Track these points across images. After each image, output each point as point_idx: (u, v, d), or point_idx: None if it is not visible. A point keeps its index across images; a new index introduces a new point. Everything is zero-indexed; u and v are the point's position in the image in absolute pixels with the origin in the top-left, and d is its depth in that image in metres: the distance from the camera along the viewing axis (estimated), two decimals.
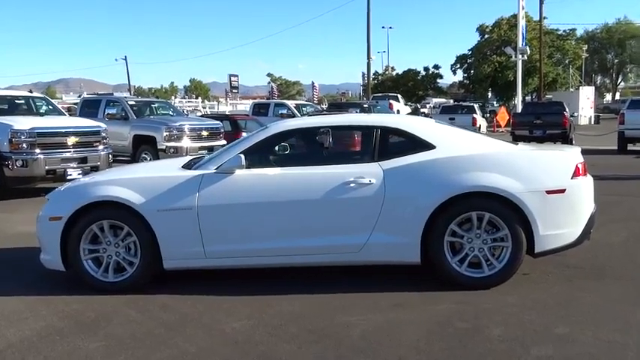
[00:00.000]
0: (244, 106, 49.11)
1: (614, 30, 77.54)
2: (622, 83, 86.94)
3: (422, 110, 45.81)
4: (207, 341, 4.00)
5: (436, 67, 55.88)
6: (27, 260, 6.25)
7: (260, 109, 21.82)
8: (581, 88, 46.62)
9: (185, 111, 24.72)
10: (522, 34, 27.82)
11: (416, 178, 4.86)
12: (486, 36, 49.25)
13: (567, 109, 23.07)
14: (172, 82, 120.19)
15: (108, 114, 14.93)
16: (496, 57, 46.40)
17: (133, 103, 15.78)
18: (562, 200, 4.81)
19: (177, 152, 14.22)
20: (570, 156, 5.03)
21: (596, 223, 5.18)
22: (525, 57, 30.10)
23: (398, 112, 29.51)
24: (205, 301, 4.80)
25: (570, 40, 49.89)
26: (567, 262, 5.40)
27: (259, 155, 5.17)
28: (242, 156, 4.91)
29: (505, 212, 4.76)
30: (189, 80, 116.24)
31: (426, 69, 55.99)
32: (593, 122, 43.18)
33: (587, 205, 4.97)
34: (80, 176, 11.06)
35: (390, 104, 31.08)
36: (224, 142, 15.62)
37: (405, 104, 36.99)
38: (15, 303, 4.88)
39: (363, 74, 62.50)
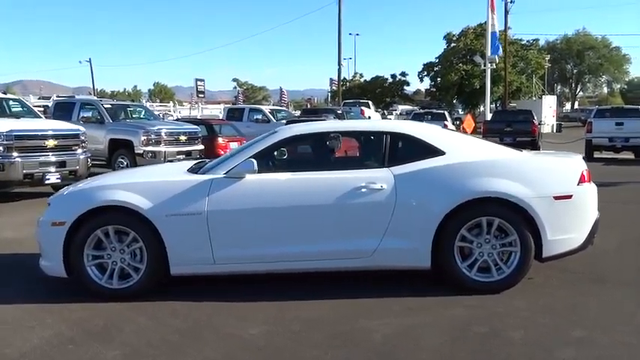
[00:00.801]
0: (210, 110, 48.63)
1: (573, 41, 79.84)
2: (580, 93, 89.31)
3: (389, 117, 46.20)
4: (227, 348, 3.94)
5: (403, 74, 56.60)
6: (18, 266, 6.10)
7: (234, 114, 21.69)
8: (544, 97, 47.81)
9: (161, 115, 24.37)
10: (491, 42, 28.32)
11: (427, 184, 4.89)
12: (453, 44, 50.03)
13: (535, 117, 23.65)
14: (135, 86, 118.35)
15: (83, 117, 14.62)
16: (462, 65, 47.17)
17: (109, 106, 15.49)
18: (569, 206, 4.91)
19: (155, 157, 14.04)
20: (576, 163, 5.15)
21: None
22: (494, 66, 30.68)
23: (369, 118, 29.70)
24: (215, 307, 4.73)
25: (533, 50, 51.09)
26: (567, 267, 5.49)
27: (269, 160, 5.14)
28: (254, 160, 4.87)
29: (514, 217, 4.84)
30: (154, 84, 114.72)
31: (394, 76, 56.62)
32: (555, 130, 44.24)
33: (591, 211, 5.09)
34: (59, 180, 10.86)
35: (362, 110, 31.24)
36: (202, 147, 15.53)
37: (376, 110, 37.25)
38: (15, 311, 4.73)
39: (331, 80, 62.77)
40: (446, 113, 27.52)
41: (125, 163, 14.31)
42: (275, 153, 5.22)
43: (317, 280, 5.22)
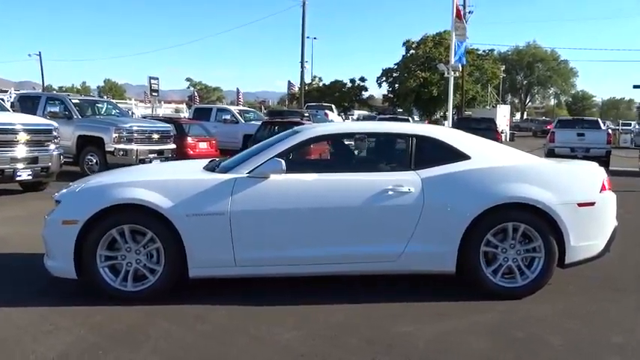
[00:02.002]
0: (163, 109, 47.70)
1: (524, 53, 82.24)
2: (530, 103, 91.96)
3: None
4: (267, 353, 3.80)
5: (362, 79, 56.94)
6: (10, 267, 5.77)
7: (201, 114, 21.26)
8: (498, 106, 48.90)
9: (131, 112, 23.70)
10: (456, 51, 28.76)
11: (455, 188, 4.85)
12: (412, 52, 50.65)
13: (498, 125, 24.15)
14: (84, 82, 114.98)
15: (50, 112, 14.05)
16: (421, 73, 47.80)
17: (77, 101, 14.95)
18: (591, 213, 4.96)
19: (126, 155, 13.65)
20: (597, 171, 5.21)
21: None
22: (457, 74, 31.15)
23: (332, 121, 29.71)
24: (237, 310, 4.57)
25: (489, 60, 52.25)
26: (580, 274, 5.52)
27: (291, 160, 5.00)
28: (282, 160, 4.73)
29: (539, 223, 4.85)
30: (104, 81, 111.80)
31: (352, 81, 56.89)
32: (509, 139, 45.31)
33: (611, 218, 5.15)
34: (30, 177, 10.37)
35: (326, 114, 31.25)
36: (174, 146, 15.17)
37: (338, 114, 37.33)
38: (24, 314, 4.45)
39: (289, 83, 62.70)
40: (410, 119, 27.80)
41: (94, 161, 13.86)
42: (298, 153, 5.08)
43: (335, 284, 5.11)
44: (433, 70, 48.21)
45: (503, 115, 47.91)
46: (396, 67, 51.94)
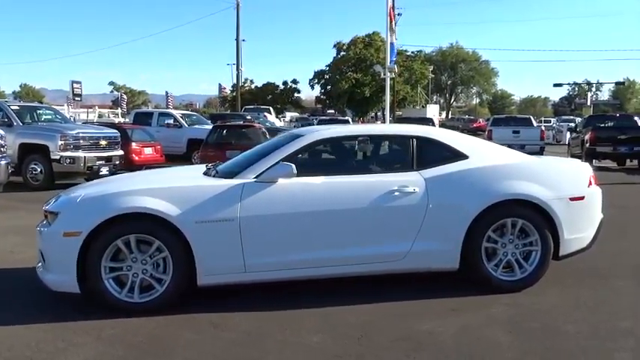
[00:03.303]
0: (85, 114, 46.04)
1: (447, 54, 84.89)
2: (454, 102, 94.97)
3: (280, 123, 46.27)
4: (302, 356, 3.80)
5: (294, 81, 57.09)
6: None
7: (142, 119, 20.69)
8: (428, 105, 50.32)
9: (72, 118, 22.71)
10: (390, 53, 29.32)
11: (457, 187, 5.00)
12: (343, 53, 51.24)
13: (437, 124, 24.83)
14: None
15: None
16: (353, 74, 48.45)
17: (17, 107, 14.25)
18: (582, 207, 5.23)
19: (73, 163, 13.16)
20: (584, 167, 5.49)
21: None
22: (394, 75, 31.80)
23: (272, 124, 29.63)
24: (255, 316, 4.52)
25: (418, 61, 53.61)
26: (572, 266, 5.69)
27: (297, 164, 4.99)
28: (292, 164, 4.72)
29: (536, 218, 5.06)
30: (20, 85, 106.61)
31: (285, 83, 56.93)
32: None
33: (598, 211, 5.44)
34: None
35: (265, 116, 31.16)
36: (122, 152, 14.74)
37: (276, 117, 37.26)
38: (31, 332, 4.24)
39: (220, 85, 62.08)
40: (349, 120, 28.13)
41: (38, 170, 13.24)
42: (303, 157, 5.08)
43: (339, 285, 5.14)
44: (365, 71, 49.08)
45: (432, 115, 49.35)
46: (327, 68, 52.39)
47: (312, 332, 4.20)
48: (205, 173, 5.25)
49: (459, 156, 5.17)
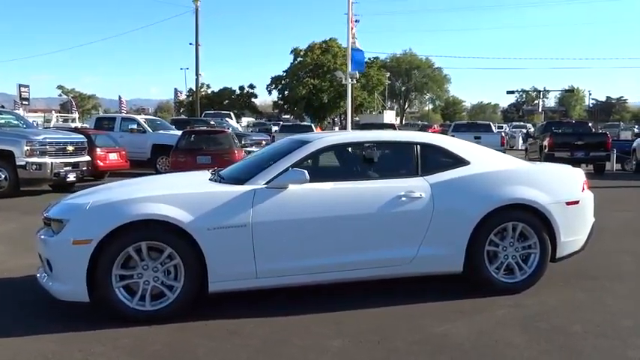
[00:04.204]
0: (32, 119, 44.59)
1: (401, 60, 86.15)
2: (408, 108, 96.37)
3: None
4: None
5: (251, 86, 56.83)
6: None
7: (104, 124, 20.25)
8: (384, 111, 50.92)
9: (35, 123, 21.95)
10: (352, 59, 29.57)
11: (460, 192, 5.12)
12: (300, 59, 51.37)
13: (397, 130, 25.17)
14: None
15: None
16: (310, 80, 48.62)
17: None
18: (577, 211, 5.43)
19: (40, 169, 12.80)
20: (578, 172, 5.71)
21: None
22: (355, 81, 32.04)
23: (235, 129, 29.44)
24: (269, 323, 4.53)
25: (374, 67, 54.19)
26: (558, 269, 5.91)
27: (305, 170, 5.02)
28: (305, 170, 4.75)
29: (535, 222, 5.24)
30: None
31: (241, 88, 56.64)
32: None
33: (591, 215, 5.66)
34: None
35: (226, 120, 30.93)
36: (89, 158, 14.43)
37: (237, 122, 37.03)
38: (44, 343, 4.14)
39: (176, 90, 61.30)
40: (312, 126, 28.24)
41: (3, 177, 12.80)
42: (310, 162, 5.12)
43: (341, 289, 5.20)
44: (322, 77, 49.35)
45: (389, 120, 50.01)
46: (284, 74, 52.40)
47: (330, 337, 4.23)
48: (211, 179, 5.24)
49: (460, 162, 5.31)
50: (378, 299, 5.05)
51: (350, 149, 5.36)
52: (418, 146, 5.31)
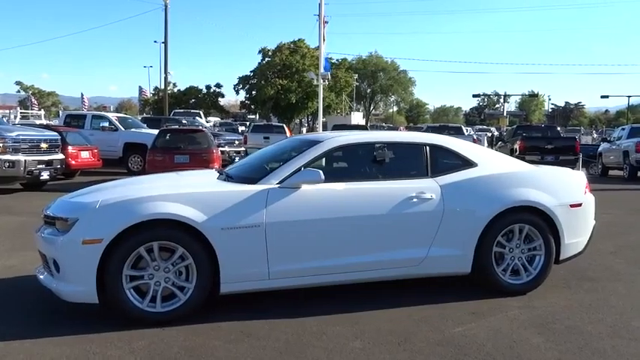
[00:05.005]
0: None
1: (367, 62, 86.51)
2: (373, 110, 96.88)
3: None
4: None
5: (218, 85, 56.22)
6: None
7: (74, 121, 19.74)
8: (352, 113, 51.07)
9: (8, 120, 21.10)
10: (324, 59, 29.57)
11: (470, 193, 5.14)
12: (268, 59, 51.08)
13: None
14: None
15: None
16: (279, 80, 48.40)
17: None
18: (580, 213, 5.52)
19: (13, 167, 12.45)
20: (580, 175, 5.80)
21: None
22: (327, 82, 32.02)
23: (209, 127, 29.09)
24: (285, 324, 4.47)
25: (342, 69, 54.28)
26: (556, 271, 6.00)
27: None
28: (320, 171, 4.70)
29: (541, 224, 5.29)
30: None
31: (208, 87, 56.01)
32: None
33: (592, 218, 5.75)
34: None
35: (197, 120, 30.52)
36: (62, 156, 14.06)
37: (206, 121, 36.53)
38: (57, 346, 4.00)
39: (140, 88, 60.26)
40: (285, 127, 28.12)
41: None
42: (322, 162, 5.07)
43: (354, 290, 5.18)
44: (291, 77, 49.17)
45: (357, 122, 50.27)
46: (252, 74, 52.03)
47: (350, 339, 4.20)
48: (219, 178, 5.15)
49: (468, 163, 5.33)
50: (389, 300, 5.04)
51: (361, 150, 5.32)
52: (427, 147, 5.32)
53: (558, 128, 24.17)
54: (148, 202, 4.44)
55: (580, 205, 5.52)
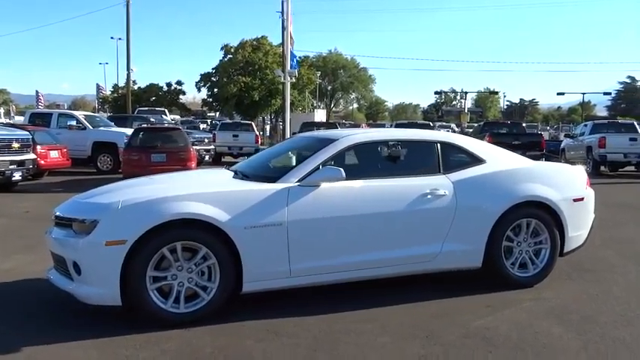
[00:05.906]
0: None
1: (328, 60, 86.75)
2: (334, 107, 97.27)
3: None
4: (394, 357, 3.85)
5: (179, 82, 55.47)
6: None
7: (39, 120, 19.18)
8: (315, 110, 51.11)
9: None
10: (291, 58, 29.53)
11: (481, 189, 5.26)
12: (230, 56, 50.62)
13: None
14: None
15: None
16: (242, 77, 48.04)
17: None
18: (582, 207, 5.71)
19: None
20: (581, 170, 5.99)
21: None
22: (294, 79, 31.98)
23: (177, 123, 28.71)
24: (308, 321, 4.49)
25: (304, 66, 54.20)
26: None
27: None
28: (341, 169, 4.74)
29: (546, 218, 5.46)
30: None
31: (169, 84, 55.19)
32: None
33: (592, 212, 5.95)
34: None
35: (163, 118, 30.09)
36: (34, 155, 13.71)
37: (172, 119, 35.99)
38: (87, 349, 3.95)
39: (98, 86, 59.06)
40: (252, 125, 27.95)
41: None
42: (339, 161, 5.09)
43: (370, 287, 5.23)
44: (253, 74, 48.85)
45: (319, 120, 50.29)
46: (214, 71, 51.50)
47: (377, 334, 4.25)
48: (235, 177, 5.13)
49: (477, 160, 5.45)
50: (405, 296, 5.11)
51: (376, 147, 5.37)
52: (439, 145, 5.41)
53: (524, 124, 24.78)
54: (171, 202, 4.39)
55: (582, 199, 5.71)
